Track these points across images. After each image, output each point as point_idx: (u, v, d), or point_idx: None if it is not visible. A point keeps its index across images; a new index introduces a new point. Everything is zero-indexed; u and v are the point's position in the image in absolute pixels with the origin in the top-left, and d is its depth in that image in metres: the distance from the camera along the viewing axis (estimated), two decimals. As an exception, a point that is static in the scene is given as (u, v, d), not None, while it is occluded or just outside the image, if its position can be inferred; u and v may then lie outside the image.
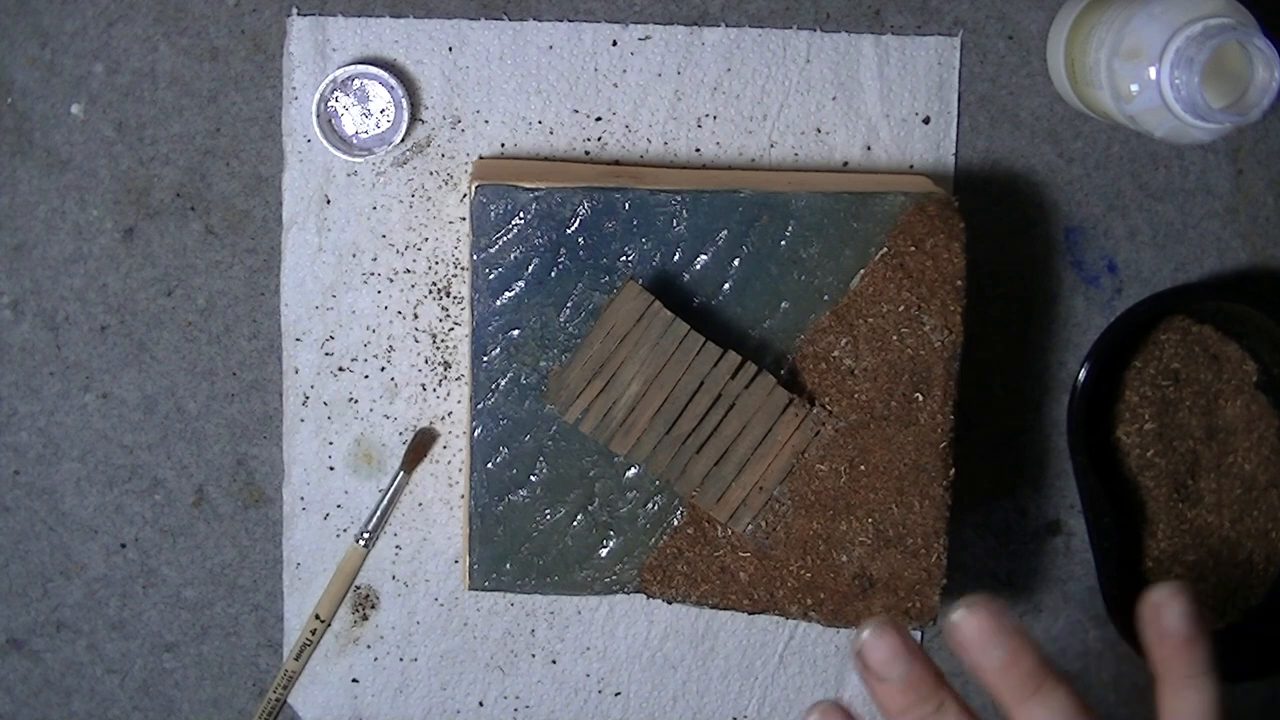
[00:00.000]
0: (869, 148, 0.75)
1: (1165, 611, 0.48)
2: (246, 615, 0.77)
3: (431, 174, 0.73)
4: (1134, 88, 0.66)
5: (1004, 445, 0.78)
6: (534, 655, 0.78)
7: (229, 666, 0.78)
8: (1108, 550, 0.74)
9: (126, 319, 0.74)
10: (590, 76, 0.73)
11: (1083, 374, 0.73)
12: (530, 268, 0.68)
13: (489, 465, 0.69)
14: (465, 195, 0.73)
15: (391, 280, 0.74)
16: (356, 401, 0.75)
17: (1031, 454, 0.78)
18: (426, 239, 0.74)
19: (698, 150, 0.74)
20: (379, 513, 0.75)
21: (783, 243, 0.69)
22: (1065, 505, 0.79)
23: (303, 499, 0.75)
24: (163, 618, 0.77)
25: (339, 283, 0.74)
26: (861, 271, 0.69)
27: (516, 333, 0.69)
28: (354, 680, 0.77)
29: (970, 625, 0.47)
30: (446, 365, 0.75)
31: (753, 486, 0.68)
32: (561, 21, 0.73)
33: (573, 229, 0.68)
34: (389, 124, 0.73)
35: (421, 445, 0.75)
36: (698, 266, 0.69)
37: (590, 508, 0.70)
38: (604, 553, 0.70)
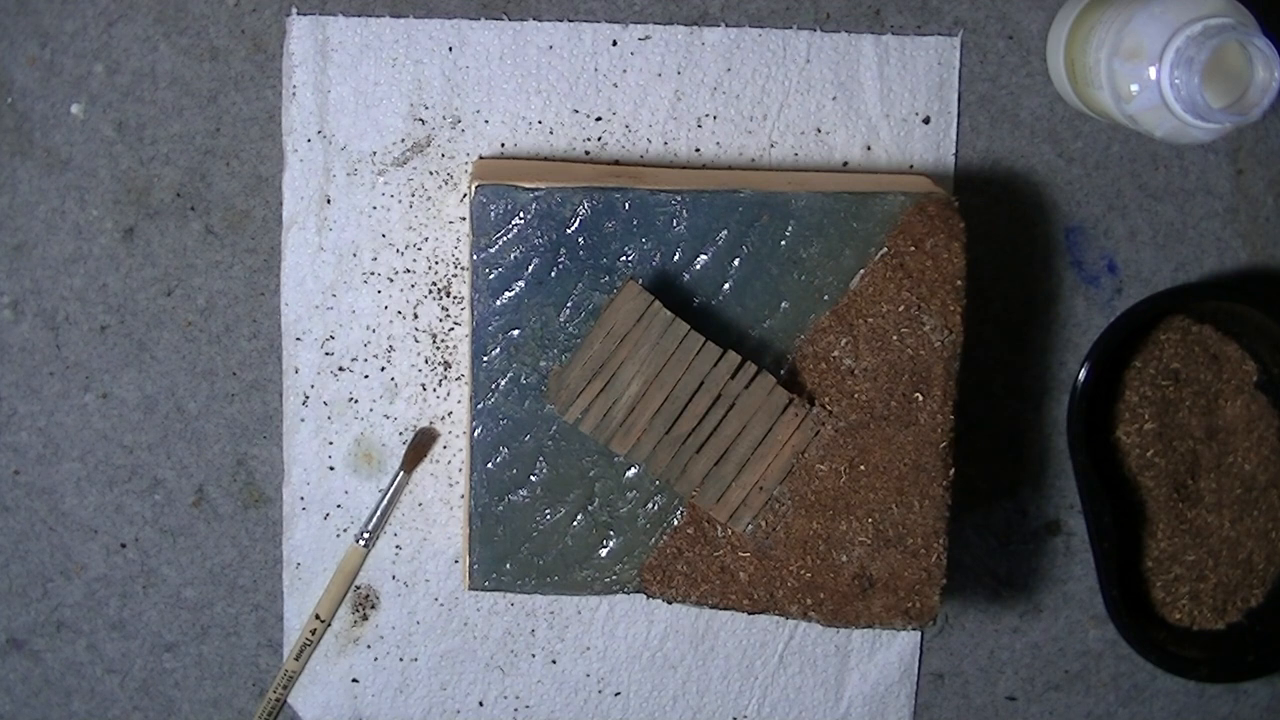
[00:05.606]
0: (869, 148, 0.75)
1: None
2: (246, 615, 0.77)
3: (431, 174, 0.73)
4: (1134, 88, 0.66)
5: (1004, 445, 0.78)
6: (534, 655, 0.78)
7: (229, 666, 0.78)
8: (1108, 550, 0.74)
9: (126, 319, 0.74)
10: (590, 76, 0.73)
11: (1083, 374, 0.73)
12: (530, 268, 0.68)
13: (489, 465, 0.69)
14: (465, 195, 0.73)
15: (391, 280, 0.74)
16: (356, 401, 0.75)
17: (1031, 454, 0.78)
18: (426, 239, 0.74)
19: (698, 150, 0.74)
20: (379, 513, 0.75)
21: (783, 243, 0.69)
22: (1065, 505, 0.79)
23: (303, 499, 0.75)
24: (163, 618, 0.77)
25: (339, 282, 0.74)
26: (861, 271, 0.69)
27: (516, 333, 0.69)
28: (354, 680, 0.77)
29: None
30: (446, 365, 0.75)
31: (753, 486, 0.68)
32: (561, 21, 0.73)
33: (573, 229, 0.68)
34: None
35: (421, 445, 0.75)
36: (698, 266, 0.69)
37: (590, 508, 0.70)
38: (604, 553, 0.70)
